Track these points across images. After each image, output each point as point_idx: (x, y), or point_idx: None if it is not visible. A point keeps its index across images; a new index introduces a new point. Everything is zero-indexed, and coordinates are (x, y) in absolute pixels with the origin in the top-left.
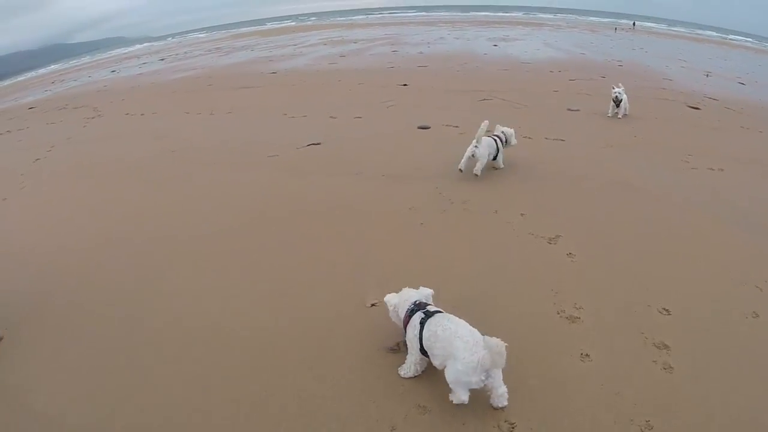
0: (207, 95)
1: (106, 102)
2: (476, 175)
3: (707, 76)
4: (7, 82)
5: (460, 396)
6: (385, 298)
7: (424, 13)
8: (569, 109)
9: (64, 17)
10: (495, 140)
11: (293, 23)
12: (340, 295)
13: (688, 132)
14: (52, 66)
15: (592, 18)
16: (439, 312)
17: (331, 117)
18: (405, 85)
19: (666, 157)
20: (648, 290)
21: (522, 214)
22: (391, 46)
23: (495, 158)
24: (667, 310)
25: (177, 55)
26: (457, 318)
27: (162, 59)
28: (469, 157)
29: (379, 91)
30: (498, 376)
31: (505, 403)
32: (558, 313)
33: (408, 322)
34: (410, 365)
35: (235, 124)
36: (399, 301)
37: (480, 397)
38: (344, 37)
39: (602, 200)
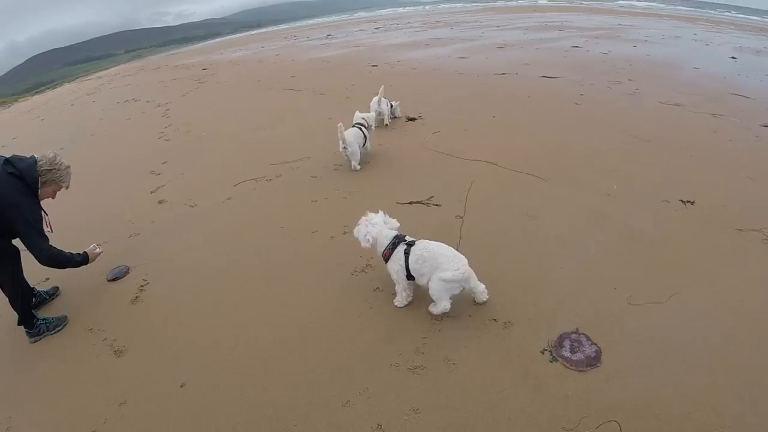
0: None
1: None
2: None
3: None
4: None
5: (444, 304)
6: (356, 233)
7: None
8: None
9: None
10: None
11: None
12: None
13: None
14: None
15: None
16: (416, 240)
17: None
18: None
19: None
20: None
21: None
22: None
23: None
24: None
25: (351, 32)
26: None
27: (328, 35)
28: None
29: None
30: (474, 277)
31: (486, 297)
32: None
33: (390, 256)
34: (400, 293)
35: None
36: (379, 236)
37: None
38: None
39: None
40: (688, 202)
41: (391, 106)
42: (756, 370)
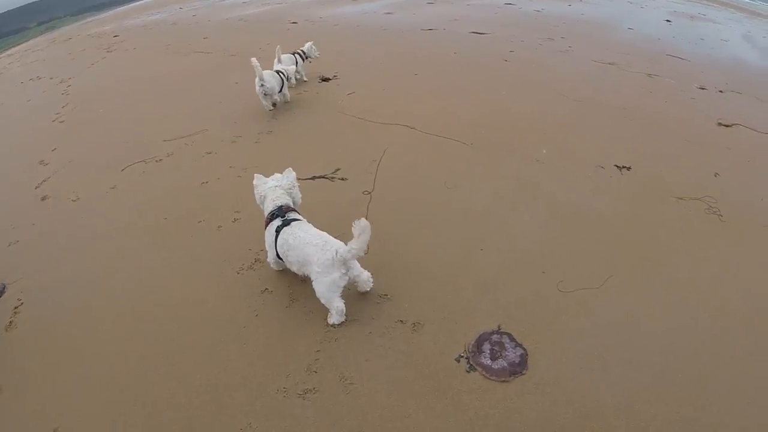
0: None
1: None
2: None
3: None
4: None
5: (336, 305)
6: (254, 181)
7: None
8: None
9: None
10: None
11: None
12: None
13: None
14: None
15: None
16: (296, 220)
17: None
18: None
19: None
20: None
21: None
22: None
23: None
24: None
25: None
26: (310, 226)
27: None
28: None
29: None
30: (356, 265)
31: (371, 285)
32: None
33: (267, 225)
34: (269, 262)
35: None
36: (267, 198)
37: None
38: None
39: None
40: (623, 167)
41: (302, 53)
42: (706, 360)
